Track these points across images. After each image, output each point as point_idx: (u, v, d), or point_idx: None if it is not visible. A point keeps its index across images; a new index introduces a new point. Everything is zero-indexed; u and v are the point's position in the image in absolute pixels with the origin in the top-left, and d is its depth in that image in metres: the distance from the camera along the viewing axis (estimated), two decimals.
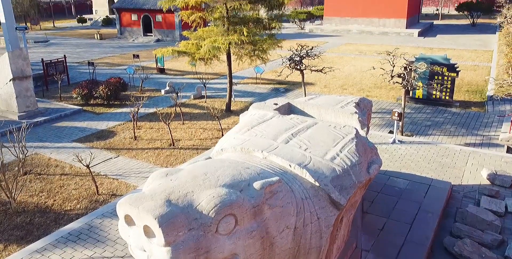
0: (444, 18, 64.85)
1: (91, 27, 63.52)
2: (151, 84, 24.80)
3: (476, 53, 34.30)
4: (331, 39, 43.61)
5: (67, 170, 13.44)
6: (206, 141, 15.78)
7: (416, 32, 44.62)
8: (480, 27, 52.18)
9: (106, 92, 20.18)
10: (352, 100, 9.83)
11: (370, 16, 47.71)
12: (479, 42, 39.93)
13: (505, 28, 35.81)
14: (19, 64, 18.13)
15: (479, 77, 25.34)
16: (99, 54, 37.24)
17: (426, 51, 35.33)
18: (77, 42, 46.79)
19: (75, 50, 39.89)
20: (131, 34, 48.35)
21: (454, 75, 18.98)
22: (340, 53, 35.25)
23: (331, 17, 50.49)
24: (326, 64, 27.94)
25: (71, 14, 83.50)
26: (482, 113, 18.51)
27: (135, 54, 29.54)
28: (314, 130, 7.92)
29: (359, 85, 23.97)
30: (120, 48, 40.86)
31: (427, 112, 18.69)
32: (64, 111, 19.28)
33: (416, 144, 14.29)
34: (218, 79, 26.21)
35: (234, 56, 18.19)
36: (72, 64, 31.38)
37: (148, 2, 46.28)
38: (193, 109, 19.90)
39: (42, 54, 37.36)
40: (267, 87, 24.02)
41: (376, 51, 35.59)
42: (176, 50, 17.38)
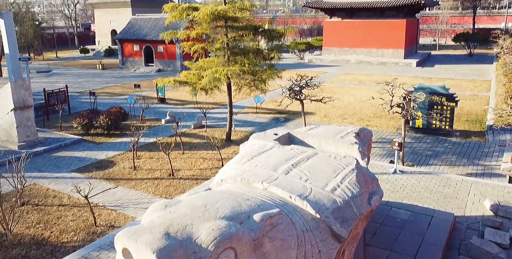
0: (441, 48, 65.84)
1: (93, 57, 64.37)
2: (151, 114, 24.90)
3: (474, 82, 34.60)
4: (330, 69, 44.11)
5: (65, 200, 13.29)
6: (206, 171, 15.69)
7: (414, 62, 45.17)
8: (477, 57, 52.85)
9: (106, 121, 20.24)
10: (352, 130, 9.83)
11: (369, 46, 48.43)
12: (477, 72, 40.35)
13: (501, 58, 36.27)
14: (21, 94, 18.26)
15: (478, 107, 25.46)
16: (101, 84, 37.59)
17: (425, 81, 35.66)
18: (79, 72, 47.32)
19: (76, 80, 40.28)
20: (133, 64, 48.97)
21: (453, 104, 19.07)
22: (340, 83, 35.57)
23: (330, 48, 51.24)
24: (326, 94, 28.16)
25: (74, 44, 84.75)
26: (483, 142, 18.48)
27: (136, 84, 29.84)
28: (315, 160, 7.88)
29: (359, 115, 24.06)
30: (122, 78, 41.27)
31: (427, 142, 18.67)
32: (64, 140, 19.27)
33: (417, 174, 14.20)
34: (219, 108, 26.34)
35: (234, 87, 18.34)
36: (73, 93, 31.62)
37: (150, 33, 47.11)
38: (193, 139, 19.90)
39: (44, 84, 37.72)
40: (267, 117, 24.11)
41: (375, 81, 35.95)
42: (177, 80, 17.53)
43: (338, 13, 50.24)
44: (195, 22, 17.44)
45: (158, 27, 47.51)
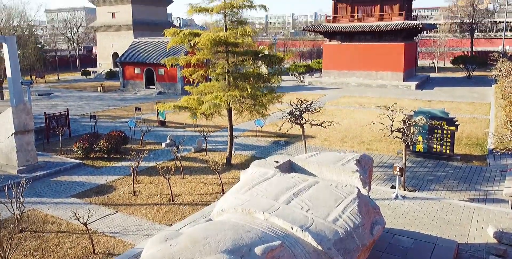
0: (440, 71, 66.36)
1: (94, 79, 64.82)
2: (152, 137, 24.90)
3: (474, 105, 34.73)
4: (330, 92, 44.35)
5: (63, 227, 13.16)
6: (206, 196, 15.58)
7: (414, 85, 45.45)
8: (476, 80, 53.20)
9: (106, 145, 20.22)
10: (353, 157, 9.81)
11: (368, 69, 48.82)
12: (476, 95, 40.56)
13: (500, 81, 36.51)
14: (22, 118, 18.30)
15: (478, 130, 25.48)
16: (101, 107, 37.73)
17: (424, 103, 35.83)
18: (80, 94, 47.57)
19: (77, 103, 40.44)
20: (134, 86, 49.28)
21: (454, 129, 19.08)
22: (339, 106, 35.70)
23: (329, 70, 51.64)
24: (326, 117, 28.30)
25: (75, 67, 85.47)
26: (484, 167, 18.42)
27: (137, 107, 29.97)
28: (316, 189, 7.83)
29: (359, 138, 24.06)
30: (122, 101, 41.46)
31: (428, 166, 18.61)
32: (64, 165, 19.21)
33: (419, 200, 14.11)
34: (219, 131, 26.35)
35: (235, 111, 18.39)
36: (74, 116, 31.70)
37: (151, 56, 47.58)
38: (194, 163, 19.84)
39: (45, 106, 37.87)
40: (268, 140, 24.10)
41: (374, 104, 36.06)
42: (178, 105, 17.59)
43: (337, 36, 50.84)
44: (196, 47, 17.61)
45: (159, 50, 48.04)
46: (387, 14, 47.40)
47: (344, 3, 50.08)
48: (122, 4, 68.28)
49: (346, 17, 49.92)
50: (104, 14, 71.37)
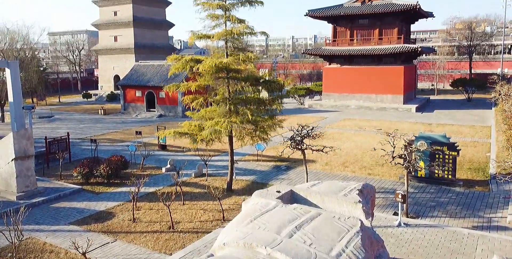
0: (440, 93, 66.70)
1: (95, 102, 65.12)
2: (152, 161, 24.81)
3: (474, 128, 34.74)
4: (330, 115, 44.44)
5: (62, 256, 12.96)
6: (206, 224, 15.41)
7: (414, 108, 45.59)
8: (476, 102, 53.41)
9: (107, 171, 20.13)
10: (355, 187, 9.73)
11: (368, 92, 49.07)
12: (476, 118, 40.62)
13: (500, 104, 36.63)
14: (23, 143, 18.27)
15: (480, 154, 25.41)
16: (102, 130, 37.75)
17: (425, 127, 35.85)
18: (81, 117, 47.69)
19: (78, 126, 40.50)
20: (135, 109, 49.43)
21: (455, 154, 19.00)
22: (340, 129, 35.71)
23: (329, 93, 51.90)
24: (327, 140, 28.27)
25: (77, 89, 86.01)
26: (487, 193, 18.27)
27: (138, 130, 29.99)
28: (318, 222, 7.72)
29: (361, 163, 23.97)
30: (123, 124, 41.51)
31: (430, 192, 18.46)
32: (63, 190, 19.08)
33: (422, 227, 13.94)
34: (219, 156, 26.26)
35: (236, 138, 18.37)
36: (74, 140, 31.68)
37: (153, 80, 47.91)
38: (194, 188, 19.69)
39: (45, 130, 37.91)
40: (269, 165, 24.00)
41: (375, 127, 36.10)
42: (178, 131, 17.57)
43: (337, 59, 51.31)
44: (198, 73, 17.71)
45: (160, 73, 48.40)
46: (386, 37, 47.93)
47: (343, 27, 50.71)
48: (124, 28, 69.17)
49: (346, 41, 50.47)
50: (106, 38, 72.21)
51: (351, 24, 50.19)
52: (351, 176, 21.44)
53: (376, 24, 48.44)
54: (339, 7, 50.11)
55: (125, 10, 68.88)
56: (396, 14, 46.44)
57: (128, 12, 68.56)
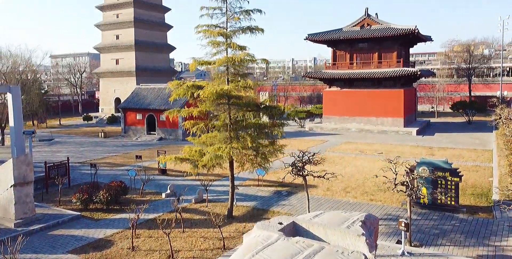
0: (440, 115, 66.79)
1: (96, 124, 65.23)
2: (152, 187, 24.62)
3: (476, 152, 34.62)
4: (331, 138, 44.38)
5: None
6: (206, 252, 15.14)
7: (414, 131, 45.57)
8: (476, 125, 53.46)
9: (106, 197, 19.93)
10: (358, 218, 9.59)
11: (368, 115, 49.16)
12: (477, 141, 40.53)
13: (501, 128, 36.63)
14: (23, 169, 18.15)
15: (482, 179, 25.22)
16: (102, 153, 37.63)
17: (426, 150, 35.75)
18: (81, 140, 47.64)
19: (78, 149, 40.40)
20: (135, 132, 49.43)
21: (457, 179, 18.85)
22: (341, 152, 35.58)
23: (330, 116, 51.99)
24: (328, 164, 28.14)
25: (78, 111, 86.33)
26: (491, 219, 18.03)
27: (138, 154, 29.88)
28: (322, 256, 7.56)
29: (362, 188, 23.77)
30: (123, 147, 41.43)
31: (434, 219, 18.22)
32: (62, 217, 18.85)
33: (426, 257, 13.69)
34: (220, 180, 26.08)
35: (237, 163, 18.26)
36: (74, 164, 31.55)
37: (153, 103, 48.07)
38: (194, 215, 19.46)
39: (45, 153, 37.83)
40: (269, 190, 23.80)
41: (376, 150, 36.03)
42: (179, 157, 17.48)
43: (337, 82, 51.61)
44: (199, 99, 17.73)
45: (161, 96, 48.59)
46: (385, 61, 48.31)
47: (343, 51, 51.20)
48: (126, 51, 69.94)
49: (345, 64, 50.87)
50: (108, 61, 72.91)
51: (350, 48, 50.69)
52: (353, 202, 21.23)
53: (375, 48, 48.91)
54: (338, 31, 50.69)
55: (127, 34, 69.79)
56: (395, 38, 46.94)
57: (130, 36, 69.44)
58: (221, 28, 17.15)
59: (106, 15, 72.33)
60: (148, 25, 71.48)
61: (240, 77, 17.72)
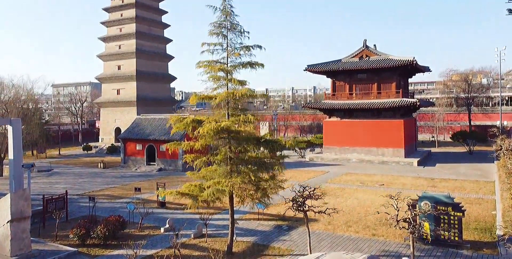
0: (441, 145, 66.68)
1: (96, 154, 65.07)
2: (151, 221, 24.26)
3: (478, 184, 34.34)
4: (331, 169, 44.15)
5: None
6: None
7: (415, 162, 45.40)
8: (478, 155, 53.31)
9: (104, 232, 19.62)
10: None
11: (369, 145, 49.10)
12: (479, 172, 40.30)
13: (502, 159, 36.49)
14: (20, 205, 17.94)
15: (485, 212, 24.91)
16: (101, 185, 37.34)
17: (428, 181, 35.50)
18: (80, 171, 47.41)
19: (77, 181, 40.13)
20: (135, 163, 49.24)
21: (460, 214, 18.61)
22: (342, 184, 35.29)
23: (330, 146, 51.93)
24: (328, 197, 27.96)
25: (77, 140, 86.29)
26: (496, 256, 17.67)
27: (137, 187, 29.64)
28: None
29: (364, 222, 23.43)
30: (122, 178, 41.16)
31: (437, 255, 17.86)
32: (58, 253, 18.49)
33: None
34: (220, 214, 25.75)
35: (237, 198, 18.07)
36: (72, 196, 31.25)
37: (153, 133, 48.11)
38: (193, 251, 19.09)
39: (43, 184, 37.60)
40: (270, 224, 23.46)
41: (377, 182, 35.77)
42: (180, 192, 17.31)
43: (336, 113, 51.80)
44: (199, 135, 17.67)
45: (161, 127, 48.67)
46: (384, 92, 48.64)
47: (342, 82, 51.65)
48: (127, 82, 70.55)
49: (345, 95, 51.21)
50: (109, 91, 73.46)
51: (349, 78, 51.15)
52: (354, 237, 20.88)
53: (375, 79, 49.35)
54: (337, 62, 51.30)
55: (129, 64, 70.60)
56: (393, 69, 47.45)
57: (131, 67, 70.21)
58: (222, 63, 17.32)
59: (108, 46, 73.36)
60: (149, 55, 72.41)
61: (240, 111, 17.74)
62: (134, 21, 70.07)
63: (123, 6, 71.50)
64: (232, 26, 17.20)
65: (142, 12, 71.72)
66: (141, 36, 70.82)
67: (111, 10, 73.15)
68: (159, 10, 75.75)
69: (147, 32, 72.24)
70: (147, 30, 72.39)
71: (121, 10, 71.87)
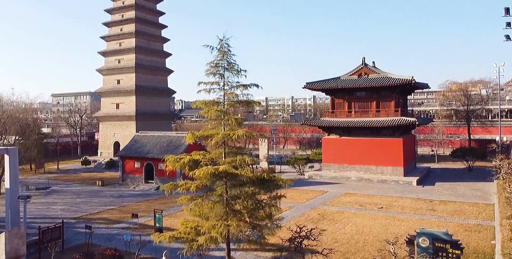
0: (440, 160, 66.36)
1: (94, 169, 64.93)
2: (147, 251, 24.00)
3: (477, 207, 34.13)
4: (330, 188, 43.92)
5: None
6: None
7: (415, 181, 45.21)
8: (477, 172, 53.22)
9: None
10: None
11: (368, 163, 48.94)
12: (478, 193, 40.08)
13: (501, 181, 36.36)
14: (15, 243, 17.85)
15: (484, 242, 24.72)
16: (99, 206, 37.15)
17: (427, 204, 35.31)
18: (78, 189, 47.21)
19: (74, 201, 39.94)
20: (133, 180, 49.10)
21: (458, 252, 18.46)
22: (340, 207, 35.09)
23: (329, 164, 51.76)
24: (327, 222, 27.98)
25: (76, 153, 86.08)
26: None
27: (134, 213, 29.47)
28: None
29: (362, 253, 23.19)
30: (120, 198, 40.98)
31: None
32: None
33: None
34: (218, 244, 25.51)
35: (233, 238, 17.92)
36: (69, 220, 31.12)
37: (152, 151, 48.01)
38: None
39: (41, 206, 37.44)
40: (267, 255, 23.25)
41: (376, 204, 35.57)
42: (175, 236, 17.13)
43: (335, 130, 51.68)
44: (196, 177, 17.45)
45: (160, 145, 48.63)
46: (383, 110, 48.55)
47: (341, 99, 51.59)
48: (127, 96, 70.56)
49: (344, 112, 51.13)
50: (108, 105, 73.48)
51: (348, 96, 51.10)
52: None
53: (373, 97, 49.29)
54: (336, 79, 51.32)
55: (128, 79, 70.70)
56: (392, 88, 47.40)
57: (131, 81, 70.31)
58: (218, 103, 17.24)
59: (108, 60, 73.48)
60: (149, 70, 72.51)
61: (238, 150, 17.64)
62: (133, 36, 70.24)
63: (123, 21, 71.71)
64: (229, 65, 17.15)
65: (142, 27, 71.94)
66: (140, 50, 70.97)
67: (111, 24, 73.36)
68: (158, 24, 75.96)
69: (146, 46, 72.40)
70: (146, 45, 72.57)
71: (121, 24, 72.10)
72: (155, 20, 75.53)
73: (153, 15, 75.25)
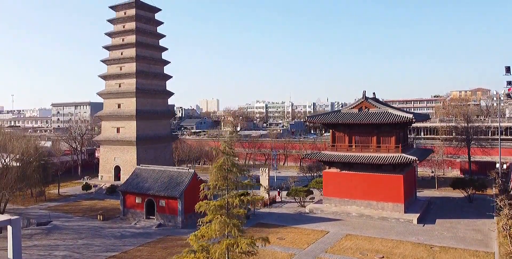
0: (440, 185, 66.17)
1: (95, 196, 65.01)
2: None
3: (478, 257, 34.24)
4: (331, 227, 43.95)
5: None
6: None
7: (415, 219, 45.29)
8: (477, 203, 53.47)
9: None
10: None
11: (368, 199, 49.02)
12: (479, 236, 40.19)
13: (503, 232, 36.55)
14: None
15: None
16: (100, 253, 37.15)
17: (428, 251, 35.36)
18: (79, 225, 47.24)
19: (76, 243, 39.99)
20: (134, 216, 49.12)
21: None
22: (341, 256, 35.13)
23: (330, 197, 51.83)
24: None
25: (77, 172, 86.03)
26: None
27: None
28: None
29: None
30: (121, 240, 41.01)
31: None
32: None
33: None
34: None
35: None
36: None
37: (153, 187, 48.05)
38: None
39: (42, 250, 37.60)
40: None
41: (377, 252, 35.65)
42: None
43: (336, 164, 51.75)
44: None
45: (161, 180, 48.69)
46: (384, 145, 48.65)
47: (342, 133, 51.67)
48: (127, 120, 70.55)
49: (344, 146, 51.19)
50: (109, 129, 73.52)
51: (349, 129, 51.17)
52: None
53: (374, 132, 49.36)
54: (337, 113, 51.44)
55: (129, 103, 70.79)
56: (392, 124, 47.47)
57: (131, 106, 70.39)
58: (222, 207, 17.33)
59: (108, 84, 73.51)
60: (149, 94, 72.51)
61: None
62: (134, 61, 70.21)
63: (123, 45, 71.70)
64: (232, 165, 17.26)
65: (142, 51, 71.93)
66: (141, 75, 70.99)
67: (111, 48, 73.34)
68: (159, 47, 75.93)
69: (147, 70, 72.44)
70: (147, 69, 72.62)
71: (121, 48, 72.06)
72: (156, 43, 75.52)
73: (154, 38, 75.21)
